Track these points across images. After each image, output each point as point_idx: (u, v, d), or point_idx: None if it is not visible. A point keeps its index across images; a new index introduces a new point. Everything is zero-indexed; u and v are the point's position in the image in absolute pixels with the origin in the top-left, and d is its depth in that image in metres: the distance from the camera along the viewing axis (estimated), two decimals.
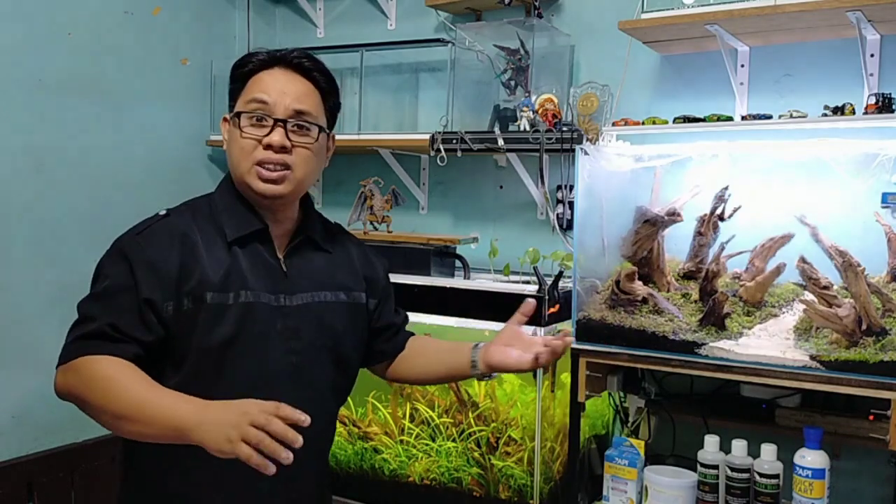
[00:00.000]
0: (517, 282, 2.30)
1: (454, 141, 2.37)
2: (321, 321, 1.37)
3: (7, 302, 2.28)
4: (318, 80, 1.38)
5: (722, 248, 1.90)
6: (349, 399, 2.36)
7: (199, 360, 1.27)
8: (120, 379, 1.17)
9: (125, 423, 1.16)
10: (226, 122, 1.39)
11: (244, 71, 1.36)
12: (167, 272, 1.27)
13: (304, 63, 1.36)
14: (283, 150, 1.31)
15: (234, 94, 1.37)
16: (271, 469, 1.03)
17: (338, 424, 2.36)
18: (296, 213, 1.42)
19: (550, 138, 2.23)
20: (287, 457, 1.03)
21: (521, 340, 1.40)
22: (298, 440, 1.04)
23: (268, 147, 1.30)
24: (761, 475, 1.80)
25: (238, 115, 1.33)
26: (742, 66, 2.21)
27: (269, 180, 1.31)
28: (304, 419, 1.06)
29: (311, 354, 1.36)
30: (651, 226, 1.96)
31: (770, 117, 1.96)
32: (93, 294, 1.28)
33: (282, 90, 1.33)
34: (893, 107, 1.81)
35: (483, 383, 2.22)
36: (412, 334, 1.62)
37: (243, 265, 1.32)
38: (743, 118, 2.05)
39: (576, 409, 1.98)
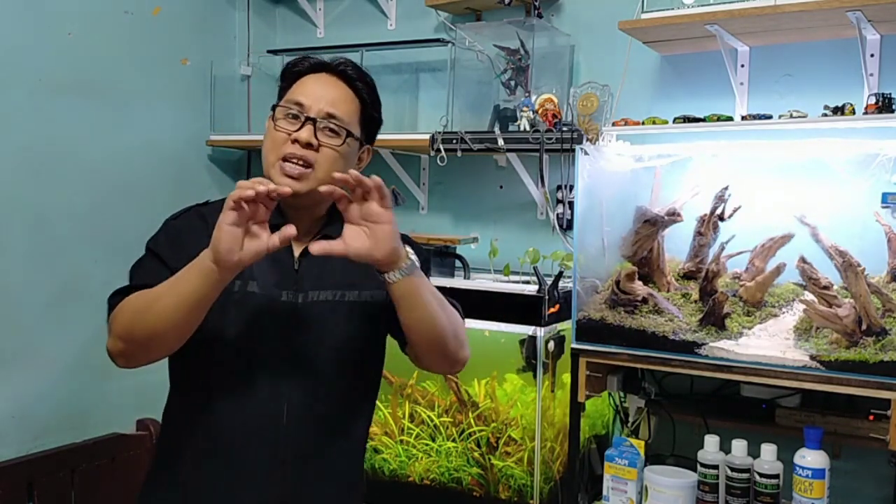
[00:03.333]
0: (517, 282, 2.30)
1: (454, 141, 2.37)
2: (328, 321, 1.36)
3: (7, 302, 2.28)
4: (359, 88, 1.39)
5: (722, 248, 1.90)
6: None
7: (198, 340, 1.27)
8: (146, 290, 1.26)
9: (169, 304, 1.21)
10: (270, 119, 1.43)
11: (294, 71, 1.39)
12: (194, 255, 1.29)
13: (348, 70, 1.39)
14: (308, 146, 1.32)
15: (282, 92, 1.40)
16: (247, 193, 1.14)
17: None
18: (322, 212, 1.42)
19: (550, 138, 2.23)
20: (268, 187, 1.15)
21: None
22: (260, 187, 1.14)
23: (294, 141, 1.32)
24: (761, 475, 1.80)
25: (274, 108, 1.36)
26: (742, 66, 2.21)
27: (289, 176, 1.32)
28: (285, 189, 1.17)
29: (313, 353, 1.35)
30: (651, 226, 1.96)
31: (770, 117, 1.96)
32: (137, 263, 1.37)
33: (320, 94, 1.35)
34: (893, 107, 1.81)
35: (483, 382, 2.22)
36: None
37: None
38: (743, 118, 2.05)
39: (576, 409, 1.98)
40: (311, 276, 1.37)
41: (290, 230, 1.17)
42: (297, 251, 1.38)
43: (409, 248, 1.31)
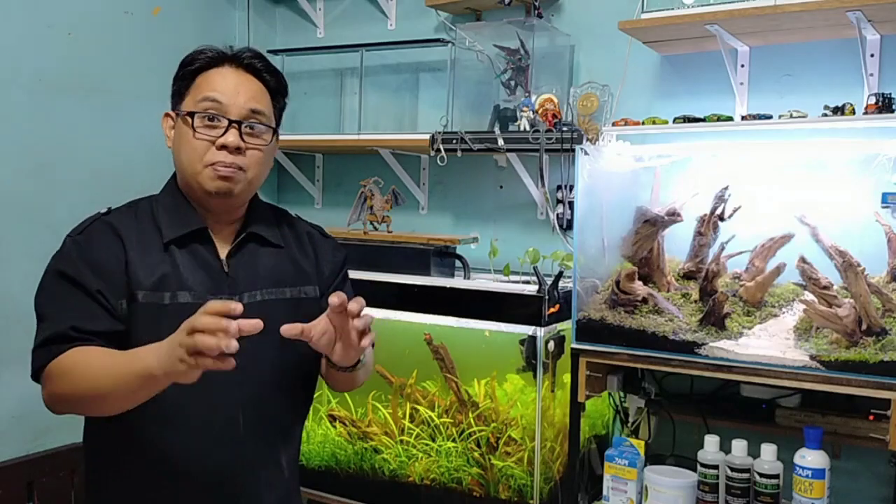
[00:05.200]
0: (517, 282, 2.30)
1: (454, 141, 2.37)
2: (269, 321, 1.28)
3: (7, 302, 2.28)
4: (268, 80, 1.37)
5: (722, 248, 1.90)
6: (348, 399, 2.37)
7: None
8: (86, 360, 1.19)
9: (107, 398, 1.16)
10: (168, 118, 1.37)
11: (192, 69, 1.34)
12: (111, 271, 1.27)
13: (256, 63, 1.35)
14: (237, 151, 1.30)
15: (182, 91, 1.35)
16: (230, 364, 1.04)
17: (338, 425, 2.37)
18: (242, 213, 1.40)
19: (550, 138, 2.23)
20: (228, 345, 1.02)
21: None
22: (232, 326, 1.03)
23: (222, 148, 1.29)
24: (761, 475, 1.80)
25: (191, 114, 1.30)
26: (742, 66, 2.21)
27: (222, 177, 1.30)
28: (236, 307, 1.04)
29: (256, 355, 1.31)
30: (651, 226, 1.96)
31: (770, 117, 1.96)
32: (46, 292, 1.29)
33: (235, 90, 1.31)
34: (893, 107, 1.81)
35: (483, 382, 2.22)
36: None
37: (182, 266, 1.30)
38: (743, 118, 2.05)
39: (576, 409, 1.98)
40: (243, 277, 1.34)
41: (257, 325, 1.07)
42: (222, 253, 1.35)
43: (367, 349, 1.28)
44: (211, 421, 1.30)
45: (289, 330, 1.16)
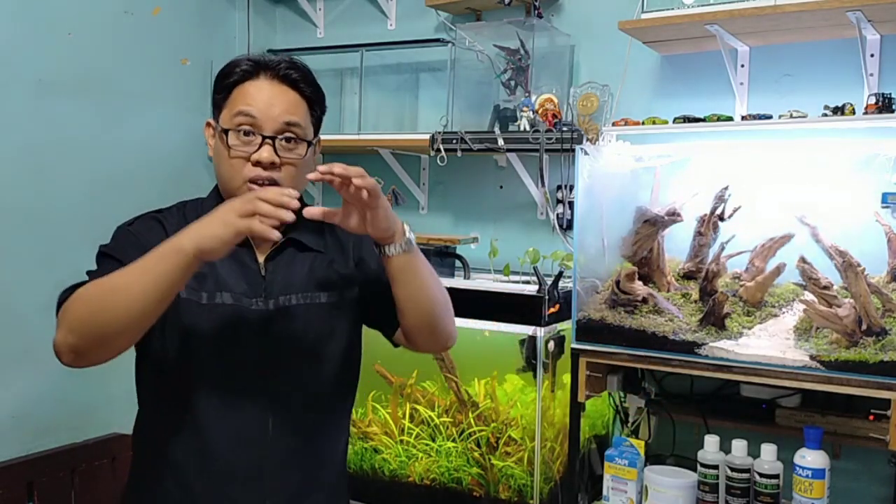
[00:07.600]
0: (517, 282, 2.30)
1: (454, 141, 2.37)
2: (302, 325, 1.34)
3: (7, 302, 2.28)
4: (304, 90, 1.36)
5: (722, 248, 1.90)
6: None
7: (174, 357, 1.27)
8: (101, 280, 1.19)
9: (135, 290, 1.14)
10: (209, 127, 1.37)
11: (229, 81, 1.33)
12: None
13: (292, 74, 1.34)
14: (272, 166, 1.30)
15: (219, 103, 1.35)
16: (275, 234, 1.13)
17: None
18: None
19: (550, 138, 2.23)
20: (291, 207, 1.13)
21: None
22: (293, 198, 1.13)
23: (257, 164, 1.29)
24: (761, 475, 1.80)
25: (225, 131, 1.31)
26: (742, 66, 2.21)
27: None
28: (293, 195, 1.14)
29: (292, 359, 1.33)
30: (651, 226, 1.96)
31: (770, 117, 1.96)
32: (93, 272, 1.30)
33: (269, 102, 1.31)
34: (893, 107, 1.81)
35: (483, 382, 2.22)
36: None
37: (220, 267, 1.31)
38: (743, 118, 2.05)
39: (576, 409, 1.98)
40: (279, 281, 1.35)
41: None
42: (261, 257, 1.36)
43: (406, 226, 1.31)
44: (240, 423, 1.31)
45: (315, 210, 1.25)
